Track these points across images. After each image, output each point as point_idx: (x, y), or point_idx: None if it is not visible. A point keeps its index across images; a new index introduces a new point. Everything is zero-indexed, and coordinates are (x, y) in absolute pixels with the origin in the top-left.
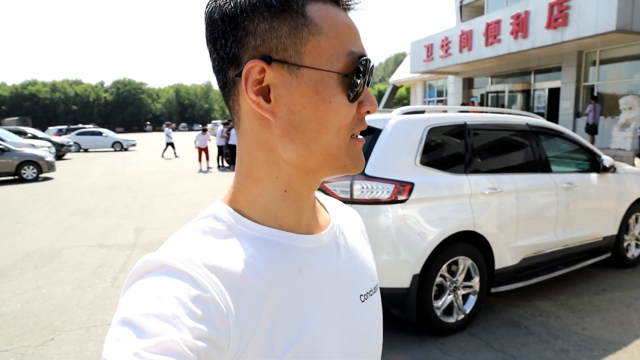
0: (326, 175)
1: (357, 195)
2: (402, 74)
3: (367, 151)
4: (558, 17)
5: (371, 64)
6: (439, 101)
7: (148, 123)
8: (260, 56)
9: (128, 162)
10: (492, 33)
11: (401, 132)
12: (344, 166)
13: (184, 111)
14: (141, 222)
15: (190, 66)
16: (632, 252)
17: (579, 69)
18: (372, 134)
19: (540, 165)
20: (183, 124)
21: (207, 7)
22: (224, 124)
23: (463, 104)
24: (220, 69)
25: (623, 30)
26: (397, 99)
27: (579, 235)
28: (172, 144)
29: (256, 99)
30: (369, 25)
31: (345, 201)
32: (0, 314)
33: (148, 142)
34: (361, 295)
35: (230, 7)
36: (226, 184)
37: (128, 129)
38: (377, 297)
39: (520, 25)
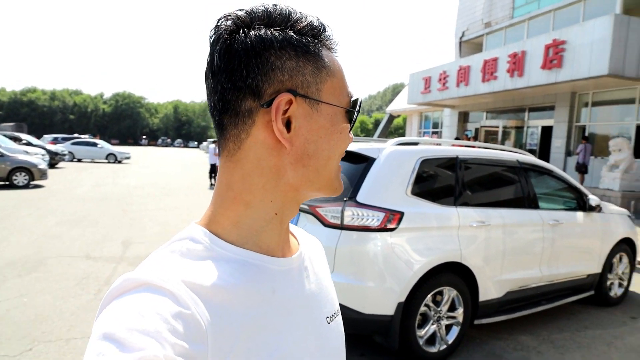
0: (316, 196)
1: (347, 221)
2: (399, 104)
3: (360, 179)
4: (553, 58)
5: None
6: (434, 133)
7: (144, 137)
8: (287, 90)
9: (121, 174)
10: (489, 70)
11: (394, 162)
12: (335, 189)
13: (181, 127)
14: (129, 235)
15: (190, 84)
16: (615, 291)
17: (572, 109)
18: (367, 162)
19: (528, 201)
20: (179, 140)
21: (220, 38)
22: (214, 142)
23: (457, 138)
24: (233, 98)
25: (615, 75)
26: (393, 128)
27: (564, 272)
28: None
29: (282, 129)
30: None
31: (335, 226)
32: None
33: (142, 155)
34: (327, 317)
35: (256, 41)
36: None
37: (123, 142)
38: (340, 320)
39: (517, 64)
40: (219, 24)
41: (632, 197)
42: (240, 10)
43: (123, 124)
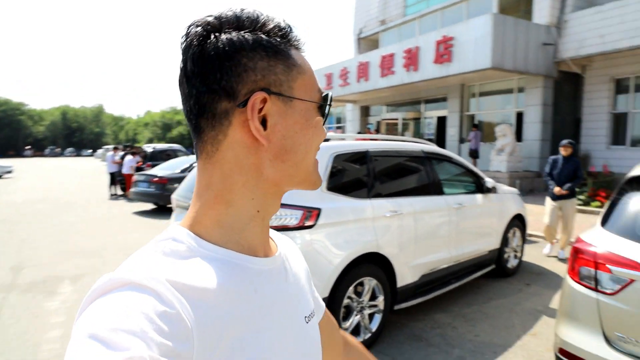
0: (293, 189)
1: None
2: None
3: None
4: (444, 53)
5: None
6: (338, 128)
7: (28, 147)
8: (261, 89)
9: (3, 191)
10: (386, 65)
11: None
12: (314, 182)
13: (71, 135)
14: (20, 259)
15: (78, 87)
16: (512, 263)
17: (462, 100)
18: None
19: (434, 188)
20: (70, 149)
21: (191, 44)
22: (115, 149)
23: (359, 132)
24: (208, 101)
25: (496, 68)
26: None
27: (469, 251)
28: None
29: (258, 126)
30: None
31: None
32: None
33: (29, 168)
34: (305, 316)
35: (228, 45)
36: (118, 214)
37: (3, 154)
38: (317, 319)
39: (412, 59)
40: (188, 30)
41: (517, 176)
42: (209, 16)
43: (1, 134)
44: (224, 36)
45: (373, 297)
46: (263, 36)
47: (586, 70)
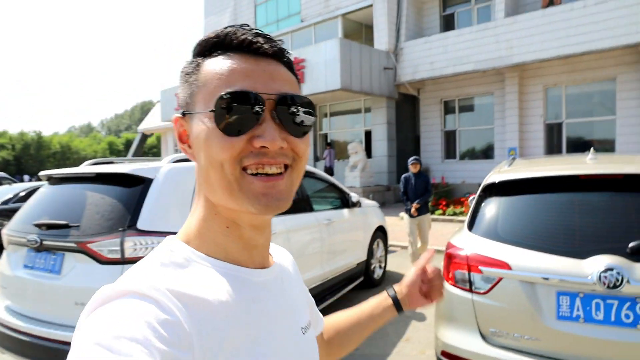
0: (244, 214)
1: (129, 253)
2: (151, 122)
3: (138, 203)
4: (296, 74)
5: (245, 96)
6: None
7: None
8: (180, 112)
9: None
10: None
11: (174, 181)
12: (246, 206)
13: None
14: None
15: None
16: (377, 273)
17: (316, 119)
18: (142, 184)
19: (304, 204)
20: None
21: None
22: None
23: None
24: None
25: (345, 89)
26: (147, 147)
27: (340, 265)
28: None
29: (183, 146)
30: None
31: (114, 262)
32: None
33: None
34: (302, 328)
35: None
36: None
37: None
38: (313, 332)
39: None
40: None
41: (370, 190)
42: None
43: None
44: None
45: None
46: (187, 63)
47: (421, 93)
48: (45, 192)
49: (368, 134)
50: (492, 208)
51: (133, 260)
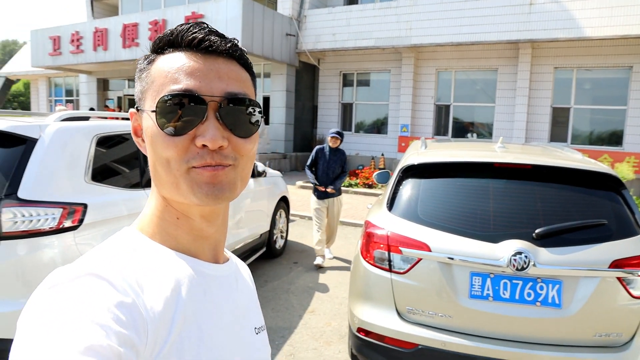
0: (193, 206)
1: (7, 227)
2: (18, 66)
3: (18, 168)
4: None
5: (186, 97)
6: (68, 101)
7: None
8: (135, 107)
9: None
10: (129, 36)
11: (64, 142)
12: (189, 197)
13: None
14: None
15: None
16: (279, 243)
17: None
18: (24, 144)
19: None
20: None
21: None
22: None
23: (91, 109)
24: None
25: (246, 52)
26: (12, 94)
27: (245, 236)
28: None
29: (137, 139)
30: None
31: None
32: None
33: None
34: (255, 328)
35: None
36: None
37: None
38: (266, 334)
39: (159, 31)
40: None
41: (267, 158)
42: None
43: None
44: None
45: None
46: (143, 60)
47: (321, 63)
48: None
49: (266, 100)
50: (411, 190)
51: (12, 236)
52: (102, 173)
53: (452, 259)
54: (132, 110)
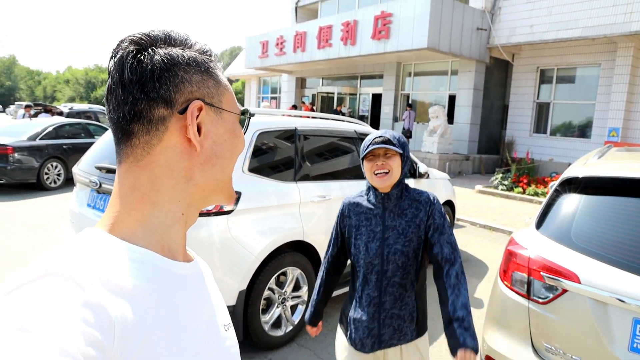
0: (214, 202)
1: None
2: (237, 69)
3: None
4: (382, 29)
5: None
6: (272, 98)
7: None
8: (197, 99)
9: None
10: (324, 37)
11: None
12: (231, 193)
13: None
14: None
15: None
16: None
17: (398, 78)
18: None
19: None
20: None
21: (128, 55)
22: (27, 107)
23: (294, 106)
24: (146, 107)
25: (432, 49)
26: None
27: None
28: None
29: (196, 132)
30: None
31: None
32: None
33: None
34: (224, 325)
35: (165, 57)
36: None
37: None
38: (233, 331)
39: (350, 32)
40: (121, 44)
41: (447, 158)
42: (138, 33)
43: None
44: (161, 50)
45: (297, 287)
46: (196, 54)
47: (515, 59)
48: (110, 135)
49: (452, 99)
50: (568, 207)
51: None
52: (259, 164)
53: (606, 295)
54: (198, 102)
